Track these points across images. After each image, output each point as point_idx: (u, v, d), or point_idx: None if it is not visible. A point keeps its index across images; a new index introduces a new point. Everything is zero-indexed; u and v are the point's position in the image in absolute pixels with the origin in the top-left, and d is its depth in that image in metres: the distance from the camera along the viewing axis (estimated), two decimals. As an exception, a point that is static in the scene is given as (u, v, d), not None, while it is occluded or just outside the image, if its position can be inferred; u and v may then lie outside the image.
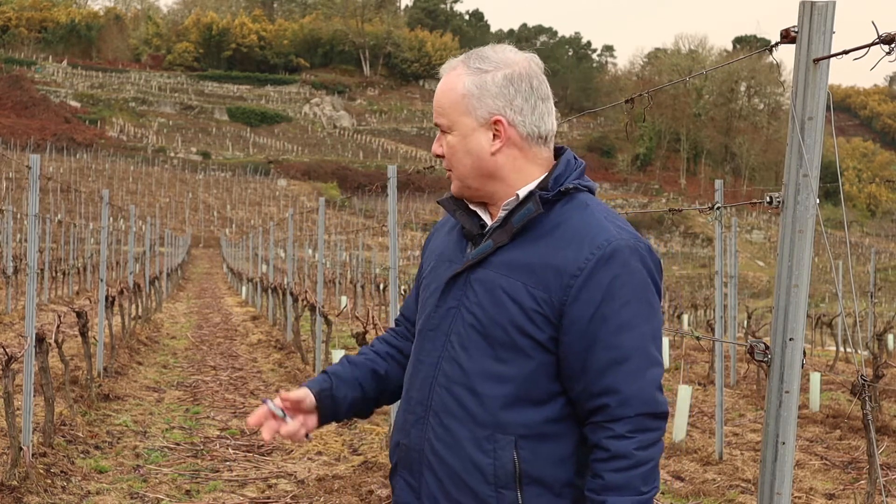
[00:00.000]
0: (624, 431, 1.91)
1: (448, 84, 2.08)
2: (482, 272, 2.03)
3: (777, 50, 2.27)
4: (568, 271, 1.95)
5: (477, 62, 2.07)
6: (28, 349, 6.36)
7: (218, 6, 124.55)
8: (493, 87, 2.04)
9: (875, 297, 19.60)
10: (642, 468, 1.91)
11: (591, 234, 1.97)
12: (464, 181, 2.09)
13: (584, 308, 1.94)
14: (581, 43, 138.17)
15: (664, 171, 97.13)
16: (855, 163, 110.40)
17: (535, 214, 2.00)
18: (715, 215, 4.19)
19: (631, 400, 1.92)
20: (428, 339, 2.09)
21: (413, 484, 2.08)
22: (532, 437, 1.98)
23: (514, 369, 1.98)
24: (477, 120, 2.05)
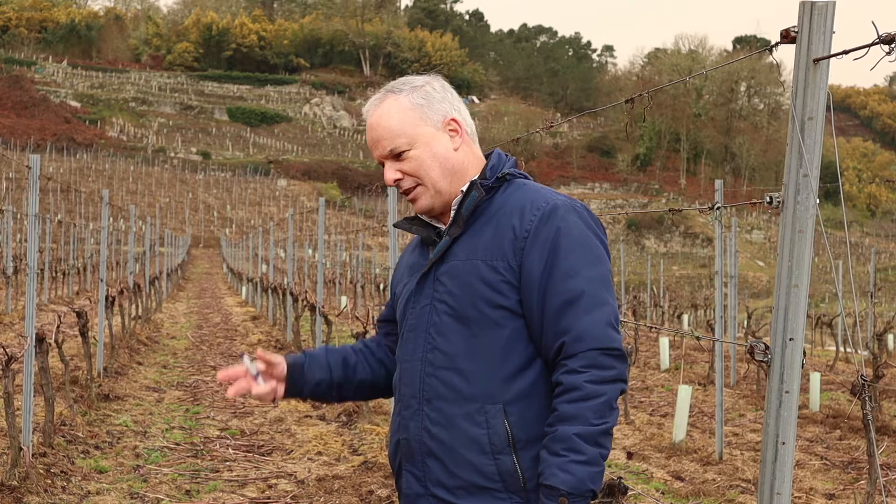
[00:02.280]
0: (577, 366, 2.03)
1: (389, 109, 2.23)
2: (445, 266, 2.19)
3: (777, 50, 2.27)
4: (519, 235, 2.12)
5: (402, 85, 2.26)
6: (28, 349, 6.36)
7: (218, 6, 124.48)
8: (436, 94, 2.25)
9: (875, 297, 19.59)
10: (593, 401, 2.01)
11: (531, 201, 2.16)
12: (435, 186, 2.22)
13: (536, 263, 2.10)
14: (581, 43, 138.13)
15: (664, 171, 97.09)
16: (855, 163, 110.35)
17: (480, 199, 2.18)
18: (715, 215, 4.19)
19: (582, 336, 2.05)
20: (409, 340, 2.23)
21: (417, 473, 2.18)
22: (518, 401, 2.11)
23: (489, 342, 2.12)
24: (434, 125, 2.23)
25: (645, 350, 16.92)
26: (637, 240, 73.55)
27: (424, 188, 2.22)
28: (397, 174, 2.23)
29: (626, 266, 28.67)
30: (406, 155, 2.21)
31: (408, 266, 2.36)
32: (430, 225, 2.30)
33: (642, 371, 14.06)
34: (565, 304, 2.07)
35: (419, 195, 2.23)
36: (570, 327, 2.06)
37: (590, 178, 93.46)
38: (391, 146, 2.21)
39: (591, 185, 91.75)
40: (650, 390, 12.15)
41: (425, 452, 2.16)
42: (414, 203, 2.26)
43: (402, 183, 2.23)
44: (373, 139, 2.25)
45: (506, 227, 2.14)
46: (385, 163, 2.25)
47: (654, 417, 9.91)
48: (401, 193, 2.27)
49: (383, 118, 2.23)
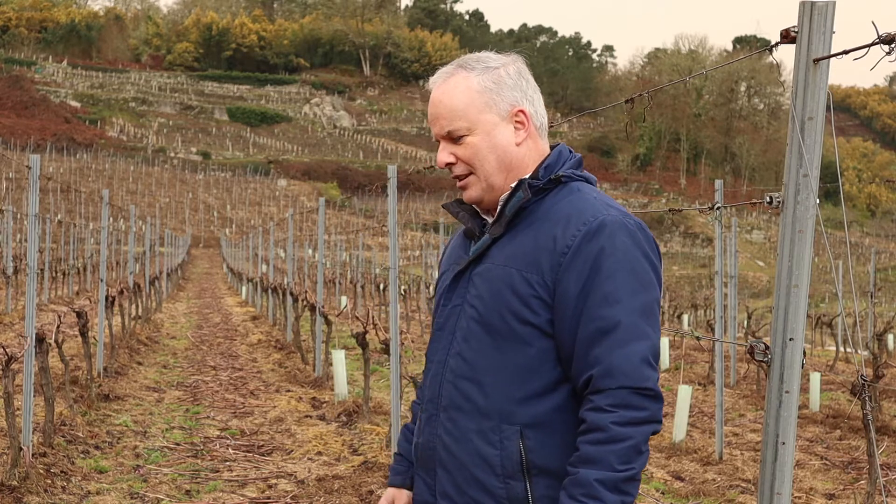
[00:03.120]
0: (604, 404, 1.88)
1: (455, 87, 2.06)
2: (481, 266, 2.06)
3: (777, 50, 2.27)
4: (558, 249, 1.96)
5: (476, 63, 2.08)
6: (28, 349, 6.36)
7: (218, 6, 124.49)
8: (509, 79, 2.07)
9: (875, 297, 19.58)
10: (618, 444, 1.86)
11: (578, 212, 1.98)
12: (488, 179, 2.07)
13: (573, 283, 1.93)
14: (581, 43, 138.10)
15: (664, 171, 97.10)
16: (855, 163, 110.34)
17: (524, 201, 2.02)
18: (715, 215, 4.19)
19: (613, 370, 1.88)
20: (436, 339, 2.12)
21: (428, 482, 2.10)
22: (537, 426, 1.96)
23: (514, 358, 1.98)
24: (499, 114, 2.06)
25: (645, 350, 16.88)
26: (637, 240, 73.43)
27: (476, 178, 2.07)
28: (450, 157, 2.08)
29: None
30: (464, 140, 2.06)
31: (450, 256, 2.22)
32: (479, 215, 2.15)
33: (642, 371, 14.04)
34: (598, 333, 1.90)
35: (470, 184, 2.09)
36: (600, 360, 1.89)
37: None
38: (449, 127, 2.06)
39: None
40: (650, 390, 12.13)
41: (438, 461, 2.06)
42: (463, 191, 2.11)
43: (454, 168, 2.09)
44: (432, 115, 2.10)
45: (546, 238, 1.98)
46: (441, 142, 2.10)
47: (654, 417, 9.90)
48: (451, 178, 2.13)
49: (446, 96, 2.07)
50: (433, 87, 2.11)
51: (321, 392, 10.36)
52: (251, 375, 11.90)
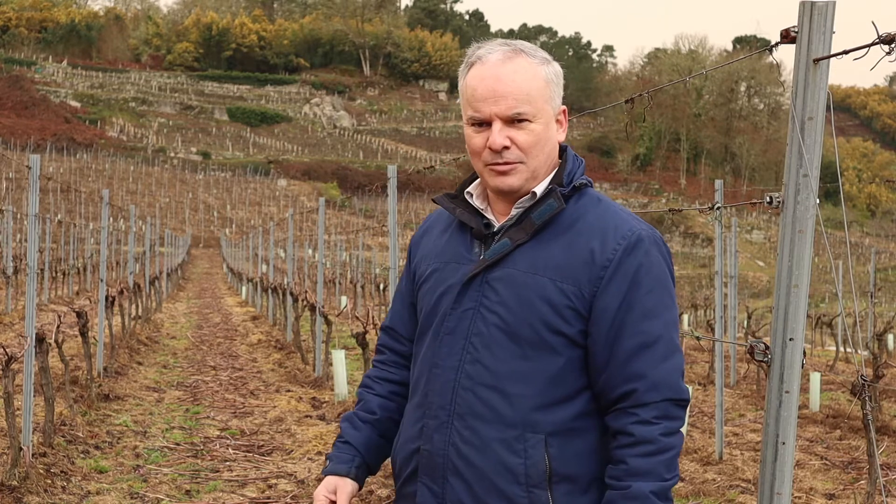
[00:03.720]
0: (650, 417, 1.92)
1: (526, 70, 2.00)
2: (502, 271, 2.01)
3: (777, 50, 2.27)
4: (598, 263, 1.96)
5: (535, 52, 2.05)
6: (28, 349, 6.36)
7: (218, 6, 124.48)
8: (560, 77, 2.09)
9: (875, 297, 19.58)
10: (666, 454, 1.91)
11: (614, 226, 2.00)
12: (536, 171, 2.04)
13: (613, 297, 1.95)
14: (581, 43, 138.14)
15: (664, 171, 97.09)
16: (855, 163, 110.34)
17: (558, 210, 2.00)
18: (715, 215, 4.19)
19: (658, 385, 1.93)
20: (445, 343, 2.05)
21: (436, 490, 2.04)
22: (561, 433, 1.97)
23: (542, 367, 1.97)
24: (553, 109, 2.06)
25: (645, 350, 16.89)
26: (637, 240, 73.47)
27: (525, 167, 2.01)
28: (507, 141, 1.99)
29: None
30: (527, 126, 1.99)
31: (438, 253, 2.14)
32: (478, 213, 2.09)
33: (642, 371, 14.05)
34: (641, 347, 1.94)
35: (515, 172, 2.01)
36: (644, 373, 1.93)
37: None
38: (517, 108, 1.98)
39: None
40: (650, 390, 12.14)
41: (450, 469, 2.01)
42: (500, 177, 2.02)
43: (507, 153, 1.99)
44: (494, 91, 1.98)
45: (582, 249, 1.97)
46: (494, 123, 1.99)
47: (654, 417, 9.90)
48: (487, 164, 2.02)
49: (519, 75, 1.99)
50: (490, 61, 2.01)
51: (321, 392, 10.36)
52: (251, 375, 11.90)
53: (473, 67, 2.03)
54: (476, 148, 2.04)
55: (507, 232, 2.03)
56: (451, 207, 2.12)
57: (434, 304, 2.10)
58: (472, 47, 2.07)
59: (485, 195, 2.13)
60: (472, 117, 2.03)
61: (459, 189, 2.16)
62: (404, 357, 2.25)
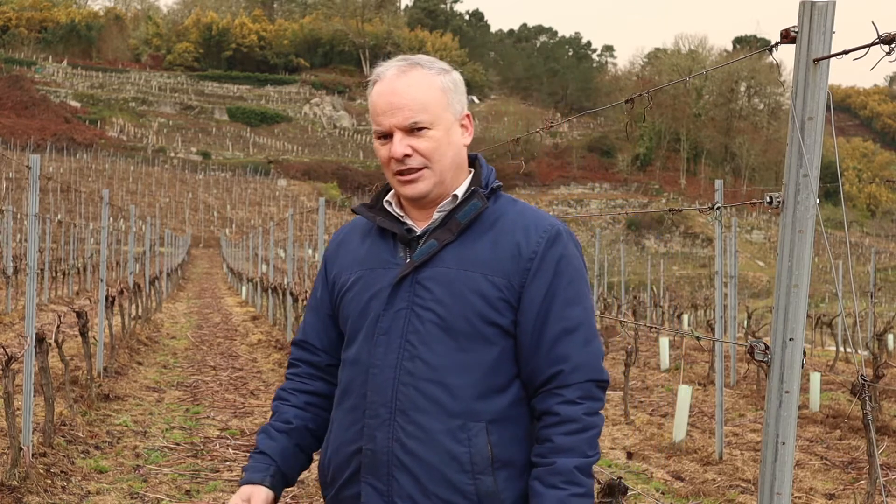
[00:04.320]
0: (574, 397, 2.04)
1: (420, 81, 2.11)
2: (432, 271, 2.10)
3: (777, 50, 2.27)
4: (524, 255, 2.09)
5: (431, 64, 2.16)
6: (28, 349, 6.36)
7: (218, 6, 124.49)
8: (460, 85, 2.19)
9: (875, 297, 19.59)
10: (589, 433, 2.03)
11: (534, 222, 2.13)
12: (442, 175, 2.13)
13: (539, 287, 2.08)
14: (581, 43, 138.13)
15: (664, 171, 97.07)
16: (855, 163, 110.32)
17: (482, 209, 2.11)
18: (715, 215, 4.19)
19: (581, 367, 2.06)
20: (380, 344, 2.10)
21: (380, 487, 2.08)
22: (499, 421, 2.07)
23: (479, 358, 2.07)
24: (454, 115, 2.15)
25: (645, 350, 16.91)
26: (637, 240, 73.57)
27: (431, 172, 2.11)
28: (408, 149, 2.09)
29: (626, 266, 28.67)
30: (425, 133, 2.10)
31: (361, 260, 2.20)
32: (397, 219, 2.17)
33: (642, 371, 14.06)
34: (564, 332, 2.07)
35: (422, 178, 2.11)
36: (568, 356, 2.06)
37: (590, 178, 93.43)
38: (414, 118, 2.08)
39: (591, 185, 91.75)
40: (650, 390, 12.15)
41: (395, 465, 2.06)
42: (409, 185, 2.12)
43: (409, 160, 2.09)
44: (392, 104, 2.09)
45: (508, 244, 2.09)
46: (395, 134, 2.10)
47: (654, 417, 9.91)
48: (395, 173, 2.12)
49: (413, 87, 2.10)
50: (387, 77, 2.12)
51: (321, 392, 10.34)
52: (251, 375, 11.91)
53: (375, 85, 2.15)
54: (383, 159, 2.14)
55: (432, 234, 2.13)
56: (370, 216, 2.20)
57: (363, 308, 2.15)
58: (375, 68, 2.19)
59: (401, 203, 2.21)
60: (377, 131, 2.14)
61: (375, 199, 2.23)
62: (319, 368, 2.30)
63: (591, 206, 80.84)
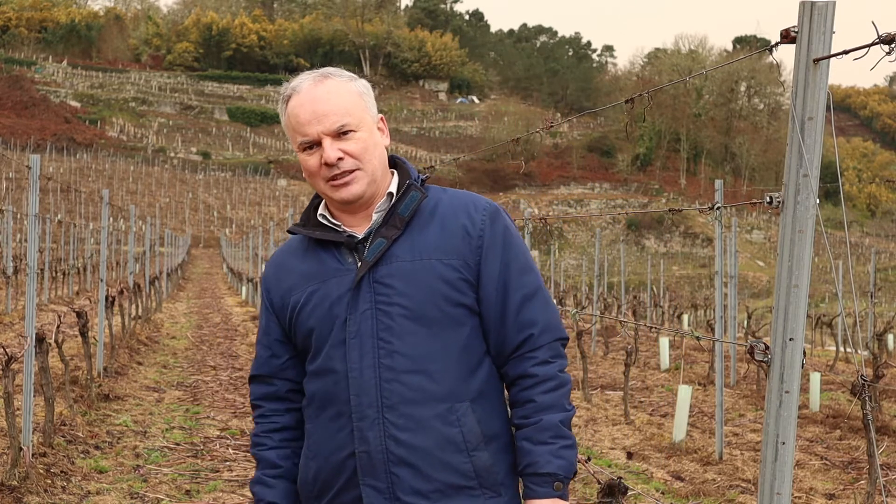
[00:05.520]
0: (546, 357, 2.15)
1: (338, 87, 2.17)
2: (388, 268, 2.13)
3: (777, 50, 2.27)
4: (473, 234, 2.16)
5: (340, 73, 2.22)
6: (28, 349, 6.36)
7: (218, 6, 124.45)
8: (370, 90, 2.26)
9: (875, 297, 19.59)
10: (564, 388, 2.15)
11: (472, 202, 2.21)
12: (374, 174, 2.18)
13: (494, 260, 2.17)
14: (581, 43, 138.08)
15: (664, 171, 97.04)
16: (855, 163, 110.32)
17: (421, 199, 2.18)
18: (715, 215, 4.20)
19: (547, 328, 2.17)
20: (352, 348, 2.12)
21: (381, 486, 2.09)
22: (479, 397, 2.14)
23: (452, 340, 2.13)
24: (372, 117, 2.22)
25: (645, 350, 16.92)
26: (637, 240, 73.56)
27: (363, 173, 2.15)
28: (339, 153, 2.13)
29: (626, 266, 28.66)
30: (353, 135, 2.14)
31: (303, 276, 2.20)
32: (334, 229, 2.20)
33: (642, 371, 14.06)
34: (525, 299, 2.16)
35: (356, 180, 2.15)
36: (535, 320, 2.16)
37: (590, 178, 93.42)
38: (340, 122, 2.13)
39: (591, 185, 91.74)
40: (650, 390, 12.15)
41: (392, 461, 2.08)
42: (344, 188, 2.14)
43: (342, 163, 2.13)
44: (316, 113, 2.13)
45: (455, 227, 2.16)
46: (324, 141, 2.13)
47: (654, 417, 9.91)
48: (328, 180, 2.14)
49: (333, 94, 2.15)
50: (304, 88, 2.17)
51: (321, 392, 10.34)
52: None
53: (291, 99, 2.19)
54: (312, 169, 2.17)
55: (377, 233, 2.16)
56: (308, 232, 2.22)
57: (325, 317, 2.16)
58: (284, 85, 2.25)
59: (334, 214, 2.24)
60: (302, 142, 2.16)
61: (304, 217, 2.26)
62: (280, 399, 2.29)
63: (591, 206, 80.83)
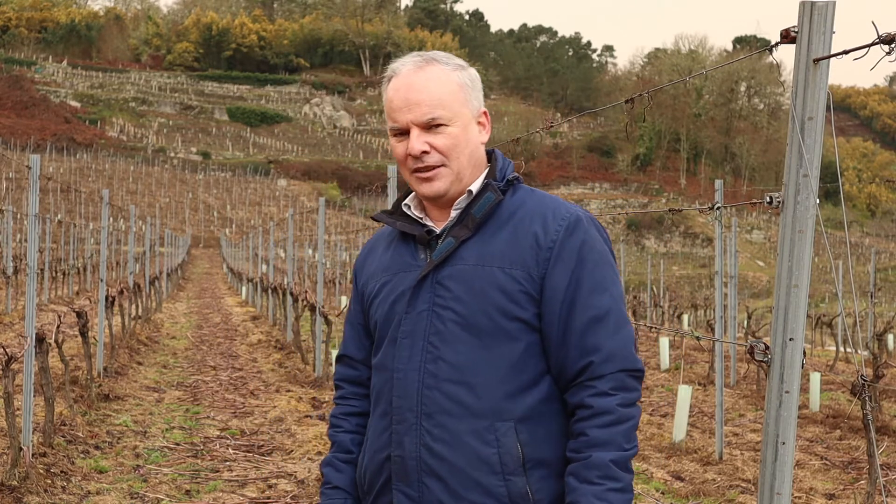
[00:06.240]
0: (607, 388, 1.96)
1: (438, 76, 2.06)
2: (451, 269, 2.05)
3: (777, 50, 2.27)
4: (543, 245, 2.02)
5: (446, 59, 2.10)
6: (28, 349, 6.36)
7: (218, 6, 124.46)
8: (477, 81, 2.14)
9: (875, 297, 19.59)
10: (625, 425, 1.96)
11: (553, 210, 2.06)
12: (460, 172, 2.09)
13: (562, 275, 2.01)
14: (581, 43, 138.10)
15: (664, 171, 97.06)
16: (855, 163, 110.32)
17: (496, 201, 2.06)
18: (715, 215, 4.19)
19: (612, 356, 1.98)
20: (402, 347, 2.07)
21: (412, 494, 2.04)
22: (529, 419, 2.00)
23: (503, 354, 2.01)
24: (471, 111, 2.10)
25: (645, 350, 16.91)
26: (637, 240, 73.56)
27: (448, 170, 2.07)
28: (425, 146, 2.04)
29: (626, 266, 28.65)
30: (444, 129, 2.05)
31: (385, 268, 2.17)
32: (416, 222, 2.14)
33: (642, 371, 14.04)
34: (593, 321, 1.99)
35: (439, 176, 2.07)
36: (599, 346, 1.98)
37: (590, 178, 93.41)
38: (431, 114, 2.04)
39: (591, 185, 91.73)
40: (650, 390, 12.14)
41: (425, 471, 2.02)
42: (426, 183, 2.08)
43: (427, 157, 2.05)
44: (408, 100, 2.05)
45: (526, 235, 2.03)
46: (412, 130, 2.05)
47: (654, 417, 9.91)
48: (412, 171, 2.08)
49: (431, 82, 2.05)
50: (403, 72, 2.08)
51: (321, 392, 10.36)
52: (251, 375, 11.90)
53: (391, 81, 2.10)
54: (400, 157, 2.10)
55: (450, 232, 2.08)
56: (391, 221, 2.17)
57: (388, 312, 2.12)
58: (390, 64, 2.13)
59: (422, 205, 2.18)
60: (392, 128, 2.09)
61: (396, 204, 2.20)
62: (361, 384, 2.26)
63: (592, 206, 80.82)
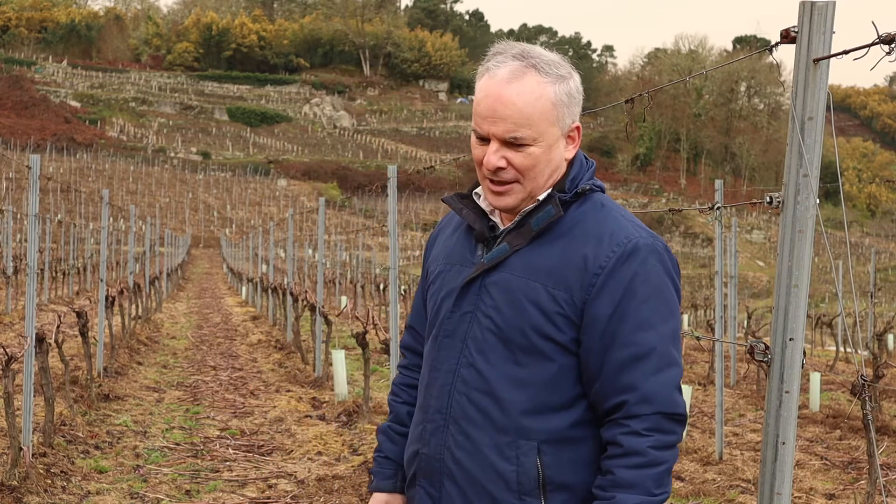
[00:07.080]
0: (640, 429, 1.87)
1: (531, 90, 1.93)
2: (498, 275, 1.98)
3: (777, 50, 2.27)
4: (590, 269, 1.92)
5: (550, 67, 1.96)
6: (28, 349, 6.36)
7: (218, 6, 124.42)
8: (577, 94, 2.01)
9: (875, 297, 19.60)
10: (655, 469, 1.87)
11: (610, 232, 1.94)
12: (534, 191, 1.99)
13: (605, 306, 1.91)
14: (581, 43, 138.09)
15: (664, 171, 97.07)
16: (855, 163, 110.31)
17: (555, 217, 1.96)
18: (715, 215, 4.19)
19: (649, 397, 1.88)
20: (444, 347, 2.04)
21: (433, 493, 2.03)
22: (555, 441, 1.94)
23: (534, 373, 1.94)
24: (562, 129, 1.99)
25: (645, 350, 16.89)
26: (637, 240, 73.46)
27: (522, 188, 1.97)
28: (502, 161, 1.95)
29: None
30: (526, 149, 1.94)
31: (447, 254, 2.12)
32: (485, 215, 2.06)
33: (642, 371, 14.05)
34: (633, 359, 1.89)
35: (511, 192, 1.98)
36: (636, 386, 1.88)
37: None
38: (515, 133, 1.92)
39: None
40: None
41: (445, 474, 2.00)
42: (497, 196, 1.99)
43: (502, 173, 1.95)
44: (494, 111, 1.93)
45: (576, 256, 1.93)
46: (492, 142, 1.95)
47: (654, 417, 9.90)
48: (486, 178, 1.98)
49: (521, 97, 1.92)
50: (497, 78, 1.94)
51: (321, 392, 10.36)
52: (251, 375, 11.90)
53: (483, 78, 1.98)
54: (477, 159, 2.01)
55: (506, 236, 2.01)
56: (458, 208, 2.09)
57: (437, 307, 2.09)
58: (492, 50, 2.00)
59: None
60: (475, 130, 1.99)
61: (470, 188, 2.12)
62: (421, 356, 2.23)
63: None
